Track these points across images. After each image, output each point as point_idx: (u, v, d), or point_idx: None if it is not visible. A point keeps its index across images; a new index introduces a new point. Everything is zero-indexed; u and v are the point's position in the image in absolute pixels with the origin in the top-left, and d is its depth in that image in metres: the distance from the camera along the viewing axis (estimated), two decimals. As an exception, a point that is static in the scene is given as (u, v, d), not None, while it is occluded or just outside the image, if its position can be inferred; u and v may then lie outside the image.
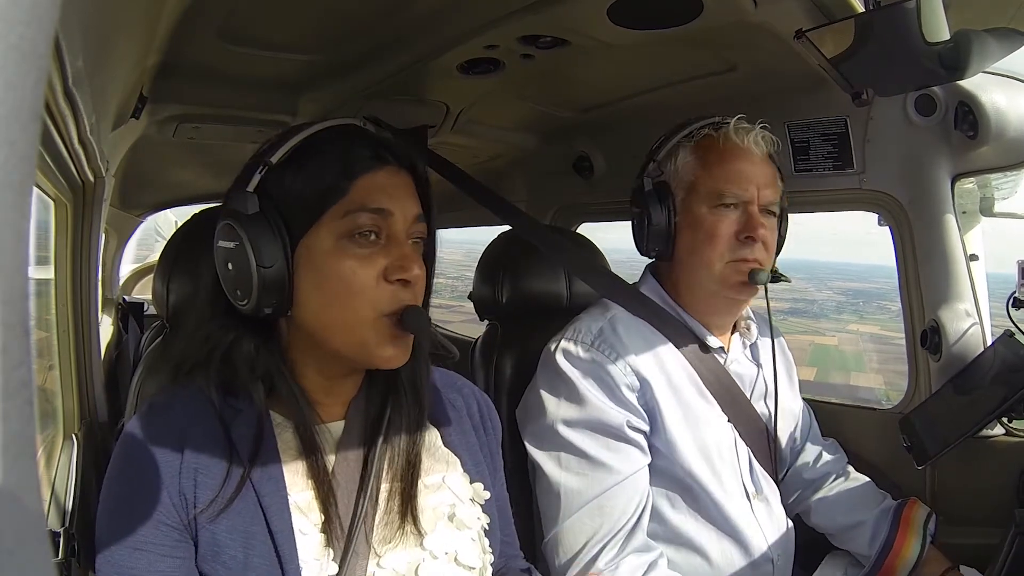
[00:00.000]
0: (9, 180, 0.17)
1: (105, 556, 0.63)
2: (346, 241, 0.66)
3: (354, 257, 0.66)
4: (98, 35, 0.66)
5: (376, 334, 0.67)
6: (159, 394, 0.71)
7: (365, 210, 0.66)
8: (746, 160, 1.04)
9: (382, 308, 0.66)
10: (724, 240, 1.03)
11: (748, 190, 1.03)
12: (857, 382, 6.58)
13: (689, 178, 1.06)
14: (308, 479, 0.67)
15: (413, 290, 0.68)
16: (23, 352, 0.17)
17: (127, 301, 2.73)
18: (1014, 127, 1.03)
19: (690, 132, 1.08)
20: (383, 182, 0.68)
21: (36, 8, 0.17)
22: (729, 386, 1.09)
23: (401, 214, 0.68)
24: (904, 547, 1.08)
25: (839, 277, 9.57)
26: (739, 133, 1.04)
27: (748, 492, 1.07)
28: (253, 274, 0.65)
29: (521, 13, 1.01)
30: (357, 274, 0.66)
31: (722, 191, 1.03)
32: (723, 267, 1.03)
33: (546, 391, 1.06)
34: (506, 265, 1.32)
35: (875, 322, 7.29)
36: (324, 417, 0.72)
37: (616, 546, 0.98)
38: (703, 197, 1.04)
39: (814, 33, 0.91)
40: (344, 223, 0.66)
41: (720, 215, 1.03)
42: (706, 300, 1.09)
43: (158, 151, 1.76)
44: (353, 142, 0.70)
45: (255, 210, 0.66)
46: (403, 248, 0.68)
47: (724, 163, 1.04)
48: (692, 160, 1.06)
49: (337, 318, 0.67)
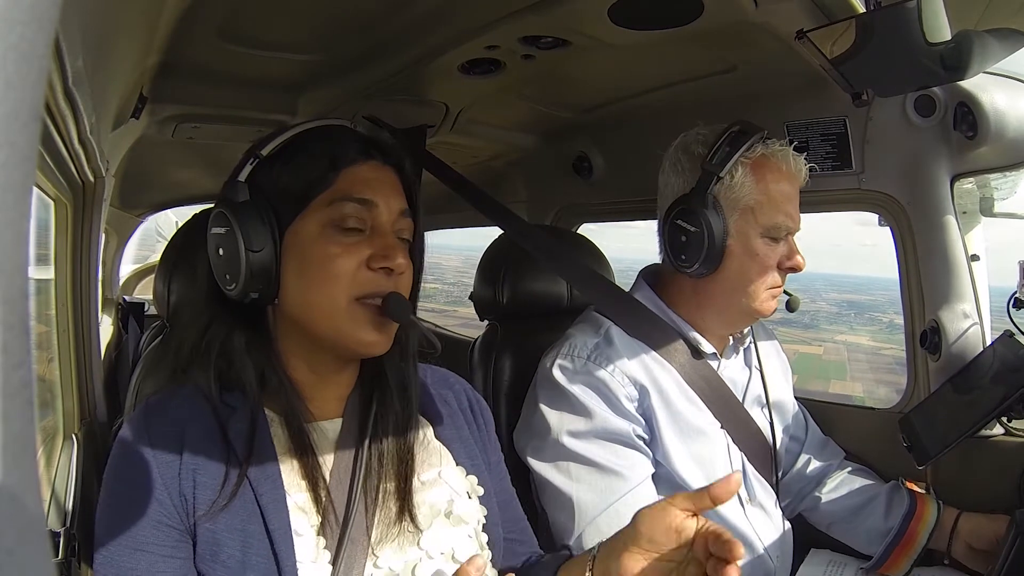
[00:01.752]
0: (9, 180, 0.17)
1: (105, 557, 0.63)
2: (331, 229, 0.68)
3: (338, 244, 0.68)
4: (98, 35, 0.66)
5: (354, 319, 0.68)
6: (155, 394, 0.72)
7: (350, 199, 0.68)
8: (795, 186, 1.04)
9: (359, 292, 0.68)
10: (773, 270, 1.04)
11: (797, 222, 1.04)
12: (834, 389, 6.65)
13: (747, 202, 1.02)
14: (303, 479, 0.67)
15: (396, 281, 0.69)
16: (23, 352, 0.17)
17: (127, 301, 2.73)
18: (1013, 127, 1.03)
19: (749, 145, 1.02)
20: (368, 175, 0.71)
21: (36, 8, 0.17)
22: (722, 392, 1.09)
23: (386, 206, 0.70)
24: (925, 511, 1.09)
25: (835, 289, 9.65)
26: (789, 159, 1.03)
27: (742, 498, 1.07)
28: (242, 258, 0.67)
29: (522, 13, 1.01)
30: (339, 260, 0.67)
31: (780, 225, 1.02)
32: (764, 295, 1.04)
33: (547, 406, 1.04)
34: (507, 265, 1.32)
35: (865, 333, 7.41)
36: (320, 415, 0.72)
37: None
38: (759, 224, 1.02)
39: (815, 33, 0.91)
40: (329, 211, 0.68)
41: (772, 247, 1.03)
42: (731, 319, 1.09)
43: (158, 151, 1.76)
44: (340, 139, 0.72)
45: (245, 198, 0.69)
46: (387, 238, 0.70)
47: (781, 191, 1.02)
48: (751, 182, 1.01)
49: (316, 302, 0.68)
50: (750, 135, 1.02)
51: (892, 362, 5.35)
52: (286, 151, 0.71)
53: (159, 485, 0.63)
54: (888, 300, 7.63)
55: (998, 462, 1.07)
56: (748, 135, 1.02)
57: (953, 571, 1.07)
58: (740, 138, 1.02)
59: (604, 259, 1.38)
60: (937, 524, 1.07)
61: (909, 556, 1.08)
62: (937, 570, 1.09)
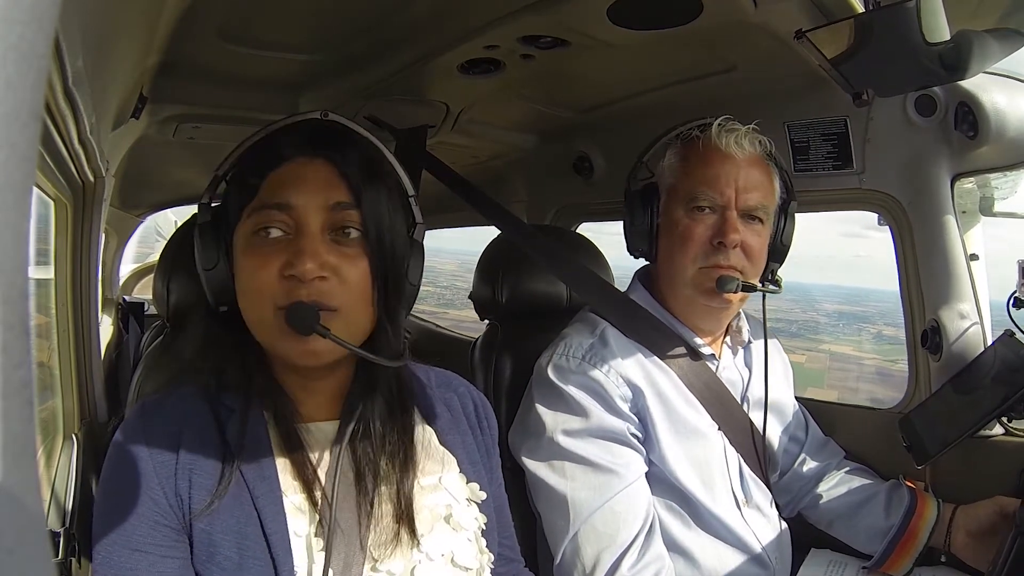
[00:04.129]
0: (9, 180, 0.17)
1: (104, 558, 0.62)
2: (256, 239, 0.67)
3: (257, 255, 0.67)
4: (98, 35, 0.66)
5: (280, 331, 0.65)
6: (152, 395, 0.72)
7: (266, 206, 0.67)
8: (727, 163, 1.02)
9: (281, 303, 0.65)
10: (697, 244, 1.02)
11: (724, 193, 1.01)
12: (809, 395, 6.73)
13: (671, 180, 1.06)
14: (297, 479, 0.67)
15: (316, 287, 0.64)
16: (23, 352, 0.17)
17: (127, 301, 2.74)
18: (1014, 127, 1.03)
19: (678, 133, 1.07)
20: (287, 176, 0.68)
21: (36, 8, 0.17)
22: (720, 393, 1.08)
23: (307, 206, 0.66)
24: (925, 508, 1.09)
25: (827, 299, 9.70)
26: (722, 135, 1.02)
27: (738, 500, 1.07)
28: (202, 276, 0.71)
29: (521, 13, 1.01)
30: (259, 272, 0.66)
31: (696, 194, 1.02)
32: (695, 272, 1.02)
33: (543, 406, 1.04)
34: (507, 265, 1.32)
35: (850, 343, 7.43)
36: (315, 416, 0.72)
37: (636, 550, 0.97)
38: (680, 200, 1.04)
39: (814, 33, 0.91)
40: (251, 222, 0.68)
41: (695, 219, 1.02)
42: (685, 305, 1.08)
43: (158, 151, 1.76)
44: (274, 142, 0.71)
45: (205, 219, 0.71)
46: (298, 243, 0.65)
47: (702, 166, 1.03)
48: (675, 162, 1.07)
49: (249, 316, 0.68)
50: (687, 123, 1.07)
51: (872, 371, 5.38)
52: (234, 167, 0.72)
53: (155, 485, 0.63)
54: (879, 312, 7.57)
55: (998, 462, 1.07)
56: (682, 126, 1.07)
57: (953, 571, 1.08)
58: (673, 129, 1.09)
59: (603, 259, 1.38)
60: (937, 521, 1.07)
61: (910, 554, 1.08)
62: (937, 570, 1.09)
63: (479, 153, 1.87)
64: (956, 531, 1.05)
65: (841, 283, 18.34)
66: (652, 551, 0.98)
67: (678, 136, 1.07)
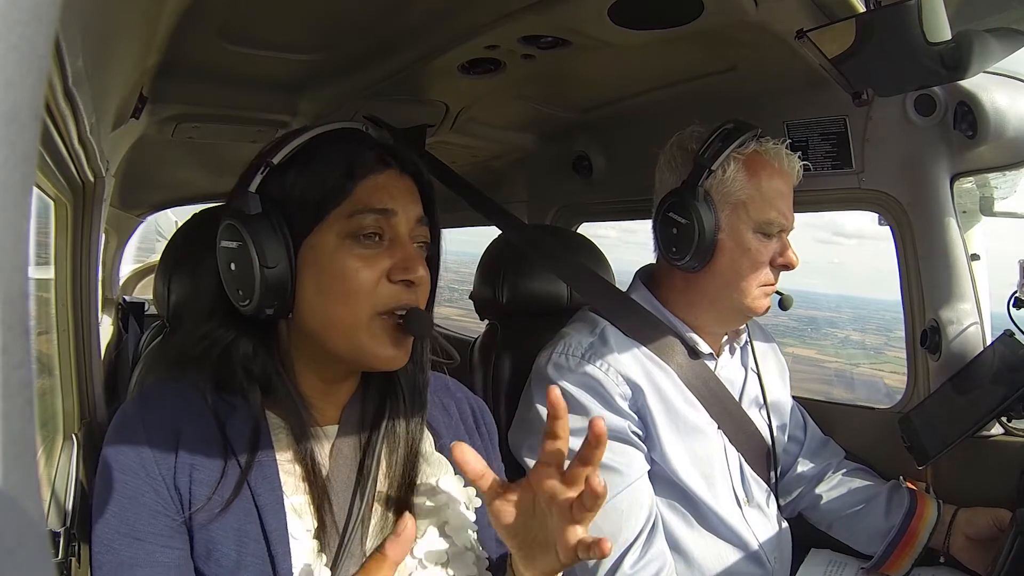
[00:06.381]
0: (9, 180, 0.17)
1: (104, 545, 0.62)
2: (350, 241, 0.66)
3: (358, 257, 0.66)
4: (98, 35, 0.66)
5: (374, 334, 0.66)
6: (153, 383, 0.71)
7: (369, 210, 0.67)
8: (788, 184, 1.05)
9: (381, 307, 0.66)
10: (765, 268, 1.04)
11: (788, 217, 1.04)
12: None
13: (740, 196, 1.03)
14: (303, 482, 0.67)
15: (416, 292, 0.68)
16: (23, 352, 0.17)
17: (127, 301, 2.74)
18: (1013, 127, 1.03)
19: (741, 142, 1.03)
20: (386, 183, 0.69)
21: (36, 8, 0.17)
22: (719, 392, 1.09)
23: (404, 215, 0.69)
24: (925, 509, 1.09)
25: (802, 305, 9.84)
26: (780, 153, 1.04)
27: (739, 499, 1.07)
28: (256, 274, 0.65)
29: (522, 13, 1.01)
30: (360, 273, 0.66)
31: (771, 219, 1.03)
32: (756, 292, 1.04)
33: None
34: (507, 265, 1.32)
35: (815, 347, 7.52)
36: (322, 420, 0.71)
37: (638, 548, 0.97)
38: (751, 220, 1.03)
39: (815, 33, 0.91)
40: (349, 223, 0.66)
41: (764, 243, 1.04)
42: (723, 316, 1.09)
43: (158, 151, 1.76)
44: (357, 145, 0.70)
45: (257, 210, 0.66)
46: (407, 249, 0.68)
47: (772, 188, 1.03)
48: (743, 177, 1.03)
49: (337, 317, 0.66)
50: (743, 131, 1.04)
51: (830, 373, 5.60)
52: (300, 158, 0.68)
53: (155, 475, 0.63)
54: (850, 318, 7.64)
55: (998, 462, 1.07)
56: (741, 131, 1.04)
57: (953, 571, 1.08)
58: (733, 134, 1.04)
59: (603, 259, 1.38)
60: (937, 522, 1.07)
61: (910, 555, 1.08)
62: (936, 570, 1.09)
63: (479, 153, 1.87)
64: (956, 533, 1.06)
65: (816, 289, 18.53)
66: (654, 548, 0.98)
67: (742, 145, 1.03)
